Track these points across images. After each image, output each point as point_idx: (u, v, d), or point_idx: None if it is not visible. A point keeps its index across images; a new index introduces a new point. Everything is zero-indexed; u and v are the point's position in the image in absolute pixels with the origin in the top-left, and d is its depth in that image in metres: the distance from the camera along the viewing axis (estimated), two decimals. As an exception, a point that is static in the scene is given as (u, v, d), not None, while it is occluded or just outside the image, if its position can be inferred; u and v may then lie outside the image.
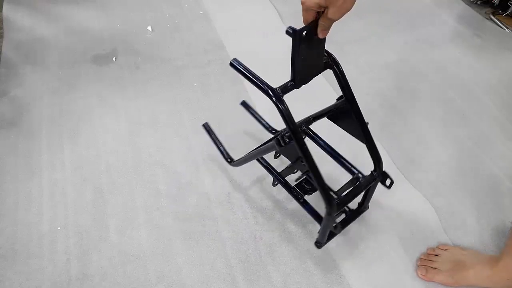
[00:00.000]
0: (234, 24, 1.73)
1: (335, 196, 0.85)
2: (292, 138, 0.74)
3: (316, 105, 0.90)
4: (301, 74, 0.72)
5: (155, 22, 1.75)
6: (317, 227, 1.05)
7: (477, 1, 1.76)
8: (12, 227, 1.07)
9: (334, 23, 0.64)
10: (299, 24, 0.63)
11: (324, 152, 0.98)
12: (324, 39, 0.69)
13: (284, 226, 1.06)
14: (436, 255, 0.97)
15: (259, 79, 0.71)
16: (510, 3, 1.66)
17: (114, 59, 1.58)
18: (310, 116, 0.90)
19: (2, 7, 1.83)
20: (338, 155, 0.96)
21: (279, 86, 0.72)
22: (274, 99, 0.70)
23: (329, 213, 0.80)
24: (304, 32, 0.65)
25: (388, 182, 0.87)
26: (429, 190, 1.13)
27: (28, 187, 1.16)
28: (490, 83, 1.43)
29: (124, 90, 1.45)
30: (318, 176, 0.76)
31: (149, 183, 1.17)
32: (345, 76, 0.77)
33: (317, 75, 0.76)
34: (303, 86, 0.74)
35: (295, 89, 0.73)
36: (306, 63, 0.70)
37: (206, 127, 1.19)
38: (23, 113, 1.37)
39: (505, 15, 1.68)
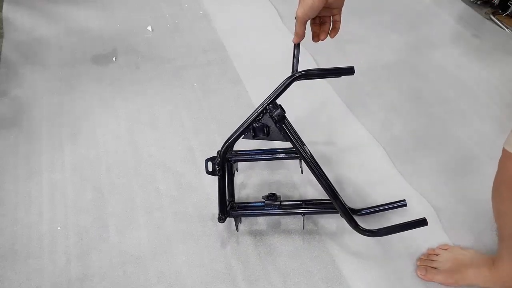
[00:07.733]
0: (234, 24, 1.73)
1: None
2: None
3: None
4: None
5: (155, 22, 1.75)
6: (316, 226, 1.05)
7: (477, 1, 1.76)
8: (12, 227, 1.07)
9: None
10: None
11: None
12: None
13: (284, 226, 1.06)
14: (436, 255, 0.97)
15: None
16: (510, 3, 1.66)
17: (114, 59, 1.58)
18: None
19: (2, 7, 1.83)
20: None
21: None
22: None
23: None
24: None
25: None
26: (429, 190, 1.13)
27: (28, 187, 1.16)
28: (490, 82, 1.43)
29: (124, 90, 1.45)
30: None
31: (149, 183, 1.17)
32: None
33: None
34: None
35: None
36: None
37: None
38: (23, 113, 1.37)
39: (505, 15, 1.68)
